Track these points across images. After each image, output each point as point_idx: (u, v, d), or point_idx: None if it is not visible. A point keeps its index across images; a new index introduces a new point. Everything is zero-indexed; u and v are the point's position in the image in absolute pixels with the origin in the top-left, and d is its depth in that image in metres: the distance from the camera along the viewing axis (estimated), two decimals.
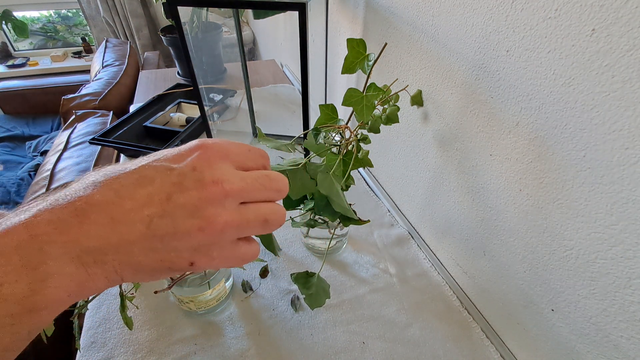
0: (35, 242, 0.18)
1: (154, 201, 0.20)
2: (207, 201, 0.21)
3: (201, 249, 0.22)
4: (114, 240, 0.20)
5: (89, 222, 0.19)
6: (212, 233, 0.21)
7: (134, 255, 0.20)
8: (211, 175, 0.21)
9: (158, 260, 0.21)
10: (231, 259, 0.23)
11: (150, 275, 0.22)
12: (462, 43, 0.41)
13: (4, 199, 1.37)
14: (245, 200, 0.23)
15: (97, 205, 0.20)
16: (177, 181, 0.21)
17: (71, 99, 1.45)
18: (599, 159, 0.30)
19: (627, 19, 0.25)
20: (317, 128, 0.46)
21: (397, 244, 0.62)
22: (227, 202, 0.22)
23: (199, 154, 0.22)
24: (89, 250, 0.19)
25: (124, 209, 0.20)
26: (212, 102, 0.96)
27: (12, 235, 0.18)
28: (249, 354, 0.46)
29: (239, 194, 0.22)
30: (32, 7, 2.56)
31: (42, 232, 0.19)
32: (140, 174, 0.21)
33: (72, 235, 0.19)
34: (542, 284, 0.39)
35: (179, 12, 0.54)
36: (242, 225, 0.22)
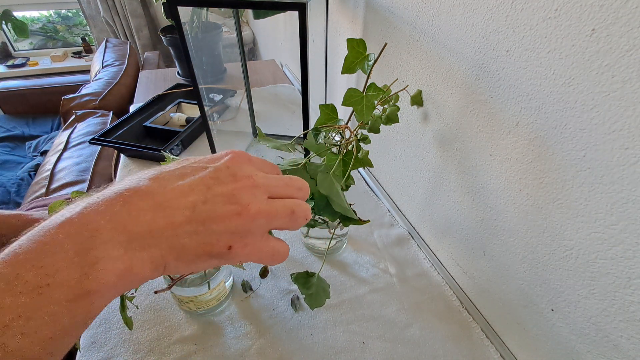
0: (86, 230, 0.20)
1: (196, 191, 0.23)
2: (241, 190, 0.24)
3: (237, 233, 0.24)
4: (160, 223, 0.21)
5: (137, 209, 0.21)
6: (246, 218, 0.24)
7: (179, 237, 0.22)
8: (242, 172, 0.25)
9: (200, 244, 0.23)
10: (263, 251, 0.26)
11: (191, 261, 0.23)
12: (462, 43, 0.41)
13: (4, 199, 1.37)
14: (272, 195, 0.26)
15: (144, 194, 0.22)
16: (214, 176, 0.24)
17: (71, 99, 1.46)
18: (599, 159, 0.30)
19: (627, 19, 0.25)
20: (317, 128, 0.46)
21: (397, 244, 0.62)
22: (257, 192, 0.25)
23: (230, 157, 0.26)
24: (136, 234, 0.21)
25: (168, 197, 0.22)
26: (212, 102, 0.96)
27: (66, 226, 0.20)
28: (249, 354, 0.46)
29: (266, 187, 0.25)
30: (32, 7, 2.56)
31: (91, 220, 0.20)
32: (181, 171, 0.24)
33: (120, 221, 0.21)
34: (542, 284, 0.39)
35: (179, 12, 0.54)
36: (272, 214, 0.25)
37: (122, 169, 0.80)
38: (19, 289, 0.18)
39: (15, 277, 0.18)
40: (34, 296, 0.18)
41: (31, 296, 0.18)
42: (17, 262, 0.19)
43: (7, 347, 0.18)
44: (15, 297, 0.18)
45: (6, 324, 0.18)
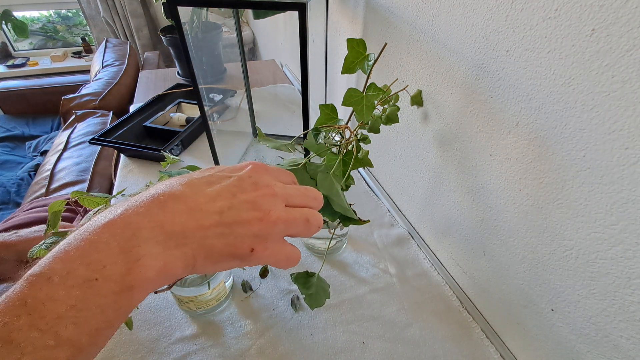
0: (128, 229, 0.22)
1: (223, 197, 0.25)
2: (262, 198, 0.26)
3: (259, 237, 0.26)
4: (193, 225, 0.24)
5: (172, 212, 0.23)
6: (267, 224, 0.26)
7: (209, 238, 0.24)
8: (262, 181, 0.28)
9: (227, 245, 0.25)
10: (280, 255, 0.28)
11: (217, 261, 0.25)
12: (462, 43, 0.41)
13: (4, 199, 1.37)
14: (289, 204, 0.28)
15: (177, 198, 0.24)
16: (238, 184, 0.27)
17: (71, 99, 1.46)
18: (599, 159, 0.30)
19: (627, 19, 0.25)
20: (317, 128, 0.46)
21: (397, 244, 0.62)
22: (276, 200, 0.27)
23: (251, 167, 0.29)
24: (172, 234, 0.23)
25: (199, 202, 0.24)
26: (212, 102, 0.96)
27: (110, 226, 0.22)
28: (249, 354, 0.46)
29: (284, 196, 0.28)
30: (32, 7, 2.55)
31: (133, 221, 0.22)
32: (208, 179, 0.26)
33: (158, 222, 0.23)
34: (542, 284, 0.39)
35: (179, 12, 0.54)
36: (290, 221, 0.27)
37: (122, 169, 0.80)
38: (71, 283, 0.20)
39: (67, 272, 0.20)
40: (85, 289, 0.20)
41: (82, 289, 0.20)
42: (68, 259, 0.21)
43: (60, 336, 0.19)
44: (67, 290, 0.20)
45: (60, 315, 0.19)
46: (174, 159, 0.49)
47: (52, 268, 0.20)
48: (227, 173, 0.28)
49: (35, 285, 0.20)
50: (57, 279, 0.20)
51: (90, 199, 0.42)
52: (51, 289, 0.20)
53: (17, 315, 0.19)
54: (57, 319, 0.19)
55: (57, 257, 0.21)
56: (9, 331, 0.18)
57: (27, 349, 0.18)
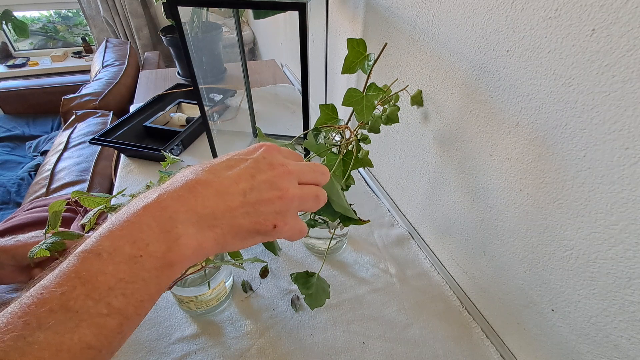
0: (166, 212, 0.24)
1: (243, 179, 0.27)
2: (279, 177, 0.28)
3: (280, 213, 0.28)
4: (221, 207, 0.26)
5: (202, 196, 0.25)
6: (286, 200, 0.28)
7: (236, 218, 0.26)
8: (277, 161, 0.29)
9: (252, 222, 0.27)
10: (296, 228, 0.30)
11: (244, 238, 0.28)
12: (462, 43, 0.41)
13: (4, 199, 1.37)
14: (300, 181, 0.30)
15: (204, 183, 0.26)
16: (255, 166, 0.28)
17: (71, 99, 1.46)
18: (599, 159, 0.30)
19: (627, 19, 0.25)
20: (317, 128, 0.46)
21: (397, 244, 0.62)
22: (291, 178, 0.29)
23: (264, 149, 0.30)
24: (204, 216, 0.25)
25: (224, 185, 0.27)
26: (212, 102, 0.96)
27: (148, 210, 0.24)
28: (249, 354, 0.46)
29: (298, 174, 0.30)
30: (32, 7, 2.55)
31: (168, 205, 0.24)
32: (227, 163, 0.28)
33: (191, 205, 0.25)
34: (542, 284, 0.39)
35: (179, 12, 0.54)
36: (303, 197, 0.30)
37: (122, 169, 0.80)
38: (118, 259, 0.22)
39: (114, 249, 0.22)
40: (131, 265, 0.22)
41: (129, 264, 0.22)
42: (114, 237, 0.23)
43: (111, 306, 0.21)
44: (116, 265, 0.22)
45: (111, 287, 0.22)
46: (174, 159, 0.49)
47: (100, 245, 0.22)
48: (243, 156, 0.29)
49: (87, 260, 0.22)
50: (105, 255, 0.22)
51: (90, 199, 0.42)
52: (101, 264, 0.22)
53: (73, 286, 0.21)
54: (109, 290, 0.21)
55: (104, 236, 0.23)
56: (67, 299, 0.21)
57: (84, 315, 0.21)
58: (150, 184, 0.42)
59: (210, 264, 0.44)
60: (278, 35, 1.30)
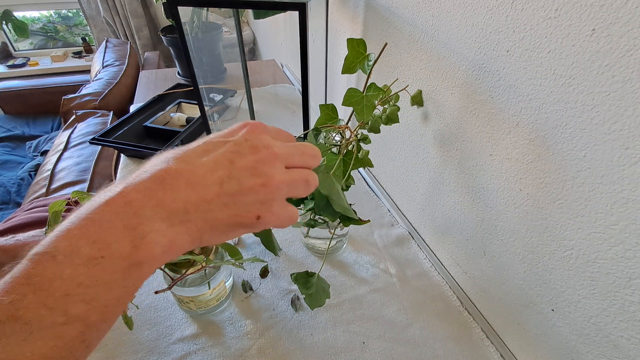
0: (131, 207, 0.22)
1: (221, 166, 0.24)
2: (263, 162, 0.25)
3: (265, 203, 0.25)
4: (194, 199, 0.23)
5: (171, 188, 0.23)
6: (271, 188, 0.25)
7: (212, 211, 0.24)
8: (261, 142, 0.26)
9: (232, 215, 0.24)
10: (284, 217, 0.27)
11: (223, 232, 0.25)
12: (462, 43, 0.41)
13: (4, 199, 1.38)
14: (288, 164, 0.27)
15: (175, 173, 0.23)
16: (235, 149, 0.25)
17: (71, 99, 1.46)
18: (599, 159, 0.30)
19: (627, 19, 0.25)
20: (317, 128, 0.46)
21: (397, 244, 0.62)
22: (277, 163, 0.26)
23: (247, 129, 0.27)
24: (174, 210, 0.23)
25: (198, 174, 0.24)
26: (212, 102, 0.96)
27: (111, 204, 0.22)
28: (249, 354, 0.46)
29: (285, 157, 0.27)
30: (32, 7, 2.55)
31: (134, 198, 0.22)
32: (203, 148, 0.25)
33: (159, 199, 0.22)
34: (542, 284, 0.39)
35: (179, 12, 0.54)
36: (292, 183, 0.27)
37: (122, 169, 0.80)
38: (77, 261, 0.20)
39: (72, 250, 0.20)
40: (91, 267, 0.20)
41: (88, 267, 0.20)
42: (72, 237, 0.20)
43: (69, 313, 0.19)
44: (74, 268, 0.20)
45: (67, 292, 0.19)
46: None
47: (55, 246, 0.20)
48: (222, 138, 0.26)
49: (40, 263, 0.20)
50: (61, 257, 0.20)
51: (90, 198, 0.41)
52: (57, 267, 0.20)
53: (24, 293, 0.19)
54: (65, 296, 0.19)
55: (60, 236, 0.21)
56: (16, 309, 0.19)
57: (36, 326, 0.19)
58: None
59: (210, 264, 0.44)
60: (278, 35, 1.30)
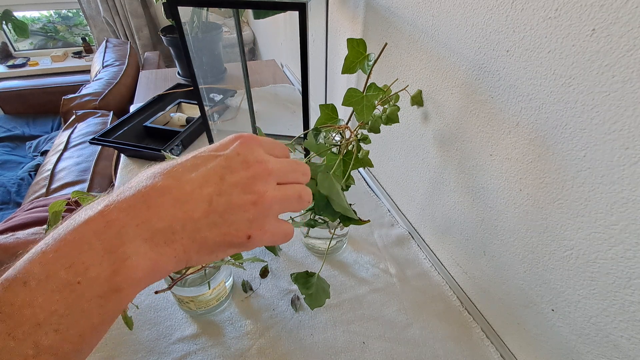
0: (112, 227, 0.20)
1: (210, 182, 0.23)
2: (255, 179, 0.24)
3: (255, 221, 0.24)
4: (180, 218, 0.22)
5: (157, 205, 0.22)
6: (263, 206, 0.24)
7: (200, 231, 0.23)
8: (254, 157, 0.25)
9: (220, 235, 0.23)
10: (277, 234, 0.26)
11: (213, 251, 0.24)
12: (462, 43, 0.41)
13: (4, 199, 1.38)
14: (281, 181, 0.26)
15: (161, 190, 0.22)
16: (225, 164, 0.24)
17: (71, 99, 1.46)
18: (599, 159, 0.30)
19: (627, 19, 0.25)
20: (317, 128, 0.46)
21: (397, 244, 0.62)
22: (270, 179, 0.25)
23: (239, 142, 0.26)
24: (159, 230, 0.21)
25: (186, 191, 0.22)
26: (212, 102, 0.96)
27: (90, 224, 0.20)
28: (249, 354, 0.46)
29: (278, 173, 0.26)
30: (32, 7, 2.56)
31: (116, 217, 0.21)
32: (192, 162, 0.24)
33: (143, 218, 0.21)
34: (542, 284, 0.39)
35: (179, 12, 0.54)
36: (284, 199, 0.26)
37: (122, 169, 0.80)
38: (51, 287, 0.18)
39: (46, 275, 0.19)
40: (66, 294, 0.19)
41: (63, 294, 0.19)
42: (47, 261, 0.19)
43: (39, 345, 0.18)
44: (47, 295, 0.18)
45: (39, 322, 0.18)
46: (175, 159, 0.49)
47: (28, 271, 0.19)
48: (213, 152, 0.25)
49: (10, 289, 0.18)
50: (34, 283, 0.18)
51: (90, 199, 0.42)
52: (28, 294, 0.18)
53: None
54: (37, 326, 0.18)
55: (34, 260, 0.19)
56: None
57: (3, 358, 0.17)
58: None
59: (210, 264, 0.44)
60: (278, 35, 1.30)
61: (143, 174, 0.24)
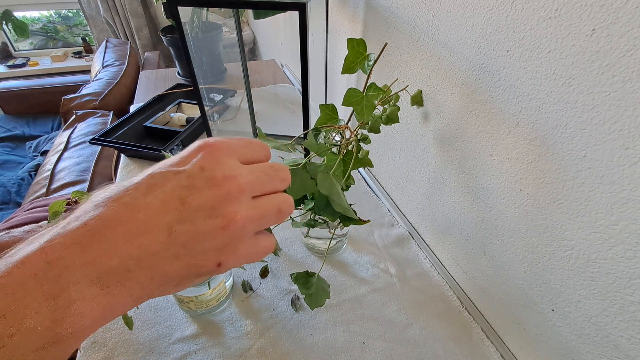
0: (53, 268, 0.17)
1: (169, 207, 0.20)
2: (223, 198, 0.20)
3: (226, 247, 0.21)
4: (135, 253, 0.19)
5: (106, 240, 0.18)
6: (234, 230, 0.21)
7: (159, 265, 0.19)
8: (222, 172, 0.21)
9: (185, 267, 0.20)
10: (254, 253, 0.23)
11: (178, 284, 0.21)
12: (462, 43, 0.41)
13: (4, 199, 1.38)
14: (257, 194, 0.22)
15: (111, 221, 0.19)
16: (187, 184, 0.20)
17: (71, 99, 1.46)
18: (599, 159, 0.30)
19: (627, 19, 0.25)
20: (317, 128, 0.46)
21: (397, 244, 0.62)
22: (242, 197, 0.21)
23: (204, 154, 0.21)
24: (110, 270, 0.18)
25: (139, 220, 0.19)
26: (212, 102, 0.96)
27: (28, 264, 0.17)
28: (249, 354, 0.46)
29: (252, 187, 0.22)
30: (33, 7, 2.56)
31: (58, 256, 0.18)
32: (148, 183, 0.20)
33: (91, 256, 0.18)
34: (542, 284, 0.39)
35: (179, 12, 0.54)
36: (261, 217, 0.22)
37: (122, 169, 0.80)
38: None
39: None
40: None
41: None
42: None
43: None
44: None
45: None
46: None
47: None
48: (173, 168, 0.21)
49: None
50: None
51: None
52: None
53: None
54: None
55: None
56: None
57: None
58: None
59: None
60: (278, 35, 1.30)
61: (93, 197, 0.20)
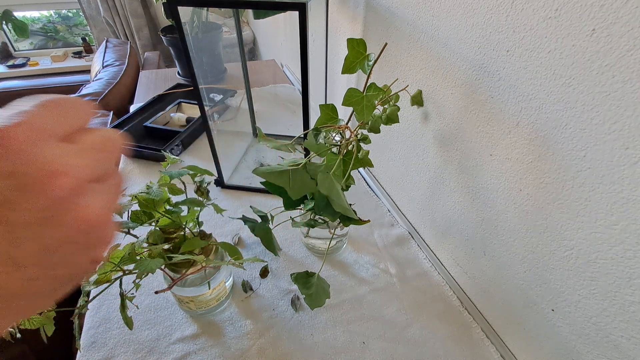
0: None
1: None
2: (52, 208, 0.14)
3: (86, 250, 0.16)
4: None
5: None
6: (88, 234, 0.15)
7: None
8: (39, 171, 0.14)
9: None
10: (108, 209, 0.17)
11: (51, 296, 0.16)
12: (462, 43, 0.41)
13: None
14: (95, 180, 0.16)
15: None
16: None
17: None
18: (599, 159, 0.30)
19: (627, 19, 0.25)
20: (317, 128, 0.46)
21: (397, 244, 0.62)
22: (85, 194, 0.15)
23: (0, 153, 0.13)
24: None
25: None
26: (213, 102, 0.96)
27: None
28: (249, 354, 0.46)
29: (87, 175, 0.15)
30: (32, 7, 2.56)
31: None
32: None
33: None
34: (542, 284, 0.39)
35: (179, 12, 0.54)
36: (108, 209, 0.16)
37: (122, 169, 0.80)
38: None
39: None
40: None
41: None
42: None
43: None
44: None
45: None
46: (174, 159, 0.49)
47: None
48: None
49: None
50: None
51: None
52: None
53: None
54: None
55: None
56: None
57: None
58: (151, 184, 0.42)
59: (210, 264, 0.44)
60: (278, 35, 1.30)
61: None
